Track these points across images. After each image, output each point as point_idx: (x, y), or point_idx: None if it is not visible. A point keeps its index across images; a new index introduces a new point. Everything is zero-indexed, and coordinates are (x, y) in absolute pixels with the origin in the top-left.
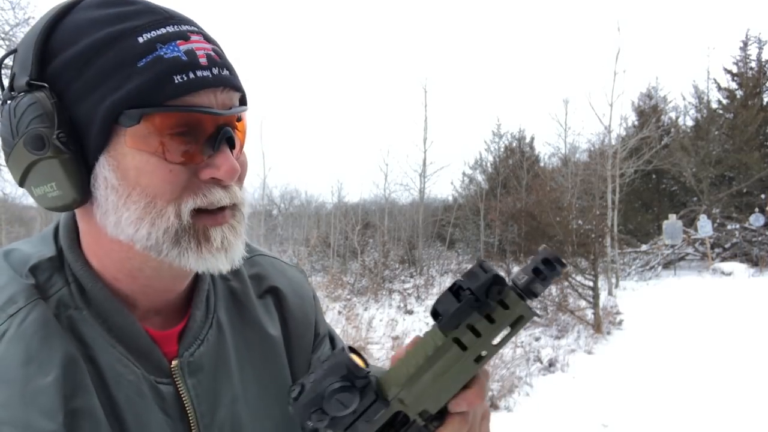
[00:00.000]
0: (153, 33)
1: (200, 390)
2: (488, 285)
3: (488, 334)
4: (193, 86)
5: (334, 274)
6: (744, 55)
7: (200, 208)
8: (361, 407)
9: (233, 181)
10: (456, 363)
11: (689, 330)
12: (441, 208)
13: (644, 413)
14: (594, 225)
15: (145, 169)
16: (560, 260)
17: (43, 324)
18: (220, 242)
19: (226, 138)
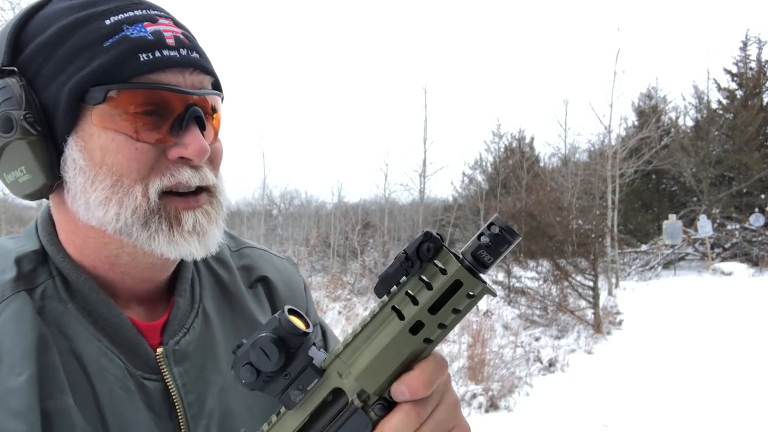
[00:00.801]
0: (120, 16)
1: (187, 379)
2: (419, 242)
3: (425, 301)
4: (159, 64)
5: (334, 274)
6: (744, 55)
7: (168, 188)
8: (293, 370)
9: (202, 161)
10: (393, 334)
11: (689, 330)
12: (441, 208)
13: (644, 413)
14: (594, 225)
15: (110, 147)
16: (509, 228)
17: (17, 322)
18: (192, 226)
19: (195, 117)
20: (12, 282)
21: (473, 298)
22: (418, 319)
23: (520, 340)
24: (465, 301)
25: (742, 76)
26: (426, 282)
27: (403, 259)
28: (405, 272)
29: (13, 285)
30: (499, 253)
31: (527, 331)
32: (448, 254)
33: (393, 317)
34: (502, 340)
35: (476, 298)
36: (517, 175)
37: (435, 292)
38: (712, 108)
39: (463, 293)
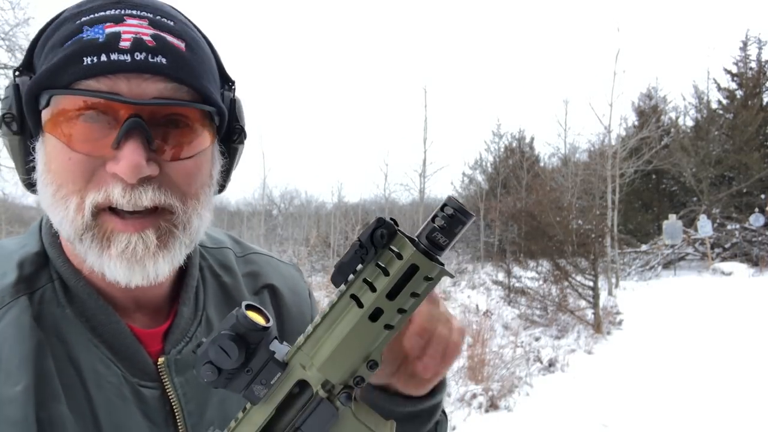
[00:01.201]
0: (90, 16)
1: (188, 389)
2: (372, 229)
3: (383, 287)
4: (100, 69)
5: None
6: (744, 55)
7: (102, 205)
8: (255, 366)
9: (134, 179)
10: (353, 322)
11: (689, 330)
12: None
13: (644, 413)
14: (594, 225)
15: (52, 153)
16: (462, 209)
17: (16, 329)
18: (122, 250)
19: (132, 129)
20: (12, 287)
21: (431, 281)
22: (377, 305)
23: (520, 340)
24: (423, 284)
25: (742, 76)
26: (382, 268)
27: (358, 247)
28: (360, 260)
29: (13, 290)
30: (453, 234)
31: (527, 331)
32: (402, 239)
33: (352, 305)
34: (502, 340)
35: (434, 280)
36: (517, 175)
37: (392, 278)
38: (712, 108)
39: (420, 277)
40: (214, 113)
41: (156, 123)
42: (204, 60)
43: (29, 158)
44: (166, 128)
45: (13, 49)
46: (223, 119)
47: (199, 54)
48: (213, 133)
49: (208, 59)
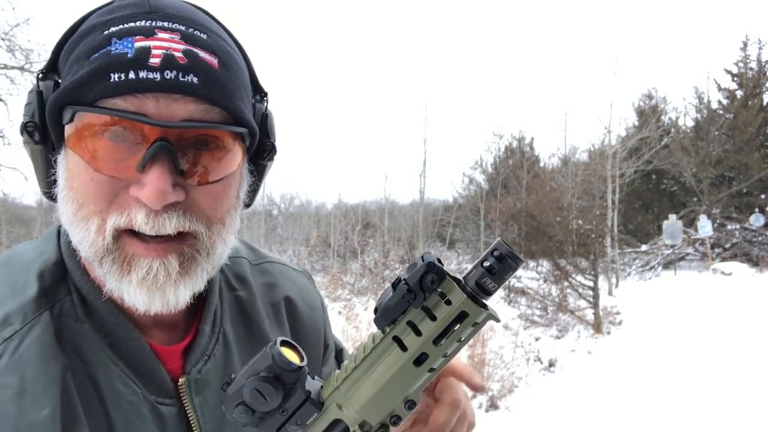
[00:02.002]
0: (120, 26)
1: (206, 409)
2: (422, 273)
3: (429, 332)
4: (129, 88)
5: (334, 274)
6: (744, 55)
7: (124, 228)
8: (290, 406)
9: (158, 206)
10: (395, 365)
11: (689, 330)
12: (441, 208)
13: (644, 413)
14: (594, 225)
15: (74, 171)
16: (513, 254)
17: (41, 349)
18: (143, 277)
19: (158, 153)
20: (34, 301)
21: (477, 326)
22: (423, 350)
23: (520, 340)
24: (469, 329)
25: (743, 76)
26: (429, 312)
27: (406, 291)
28: (407, 304)
29: (35, 305)
30: (503, 280)
31: (527, 331)
32: (451, 283)
33: (394, 348)
34: (502, 340)
35: (480, 325)
36: (517, 175)
37: (440, 324)
38: (712, 108)
39: (468, 323)
40: (246, 134)
41: (184, 144)
42: (237, 76)
43: (50, 170)
44: (194, 150)
45: (13, 49)
46: (254, 138)
47: (232, 70)
48: (243, 153)
49: (241, 74)
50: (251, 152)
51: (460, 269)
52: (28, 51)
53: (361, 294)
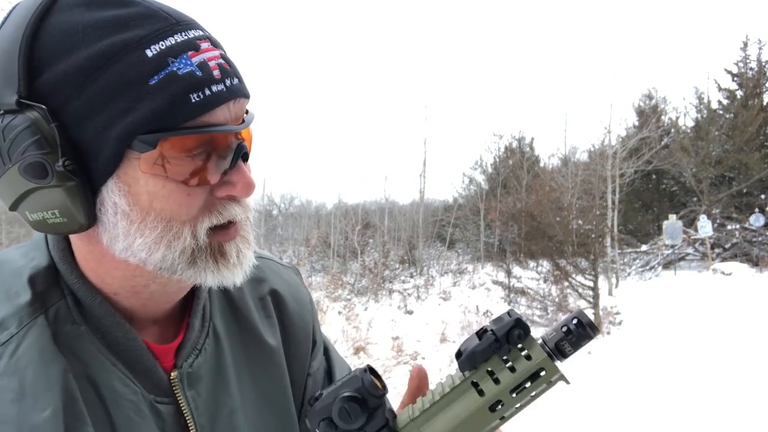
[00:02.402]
0: (162, 44)
1: (199, 402)
2: (510, 327)
3: (507, 382)
4: (210, 104)
5: (334, 274)
6: (744, 55)
7: (216, 226)
8: (370, 429)
9: (250, 196)
10: (471, 408)
11: (689, 330)
12: (441, 208)
13: (644, 413)
14: (594, 225)
15: (160, 193)
16: (592, 324)
17: (39, 351)
18: (236, 257)
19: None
20: (29, 306)
21: (549, 385)
22: (499, 398)
23: None
24: (542, 386)
25: (743, 76)
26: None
27: (493, 341)
28: (492, 353)
29: (30, 309)
30: (579, 346)
31: None
32: (534, 341)
33: (472, 392)
34: None
35: (552, 384)
36: (517, 175)
37: (518, 376)
38: (712, 108)
39: (544, 380)
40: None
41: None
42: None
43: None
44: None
45: None
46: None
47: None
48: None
49: None
50: None
51: (460, 269)
52: None
53: (361, 294)
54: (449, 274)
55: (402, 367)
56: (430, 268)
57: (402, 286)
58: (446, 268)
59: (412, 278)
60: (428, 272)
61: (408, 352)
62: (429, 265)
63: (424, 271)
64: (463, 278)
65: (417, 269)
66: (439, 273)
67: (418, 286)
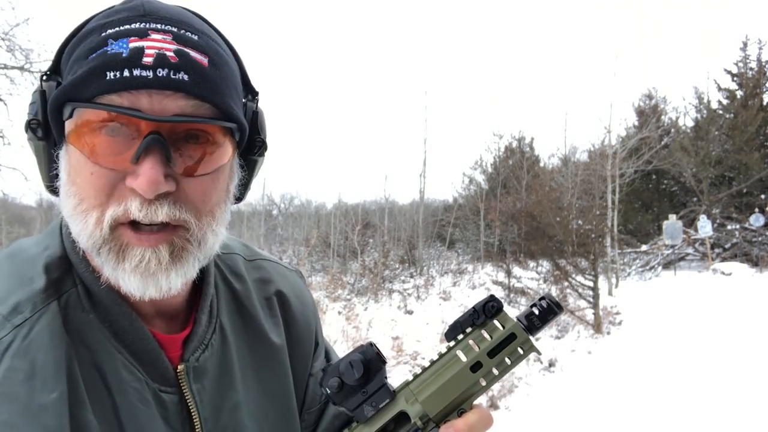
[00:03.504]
0: (116, 29)
1: (204, 395)
2: (486, 301)
3: (485, 346)
4: (122, 84)
5: (334, 274)
6: (744, 55)
7: (121, 219)
8: (370, 389)
9: (152, 195)
10: (454, 370)
11: (689, 330)
12: (441, 208)
13: (644, 413)
14: (594, 225)
15: (76, 167)
16: (557, 303)
17: (50, 335)
18: (135, 264)
19: (151, 145)
20: (43, 292)
21: (523, 353)
22: (478, 359)
23: None
24: (516, 353)
25: (742, 76)
26: (487, 334)
27: (472, 312)
28: (472, 322)
29: (44, 295)
30: (546, 321)
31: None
32: (507, 314)
33: (455, 357)
34: None
35: (525, 353)
36: (517, 175)
37: (494, 341)
38: (712, 108)
39: (516, 345)
40: (235, 129)
41: (176, 138)
42: (227, 75)
43: (53, 165)
44: (185, 143)
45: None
46: (244, 134)
47: (222, 69)
48: (233, 147)
49: (231, 73)
50: (242, 148)
51: (460, 269)
52: (28, 51)
53: (361, 294)
54: (449, 274)
55: (402, 367)
56: (430, 268)
57: (402, 286)
58: (446, 268)
59: (412, 278)
60: (428, 272)
61: (408, 352)
62: (429, 265)
63: (424, 271)
64: (463, 278)
65: (417, 269)
66: (439, 273)
67: (418, 286)
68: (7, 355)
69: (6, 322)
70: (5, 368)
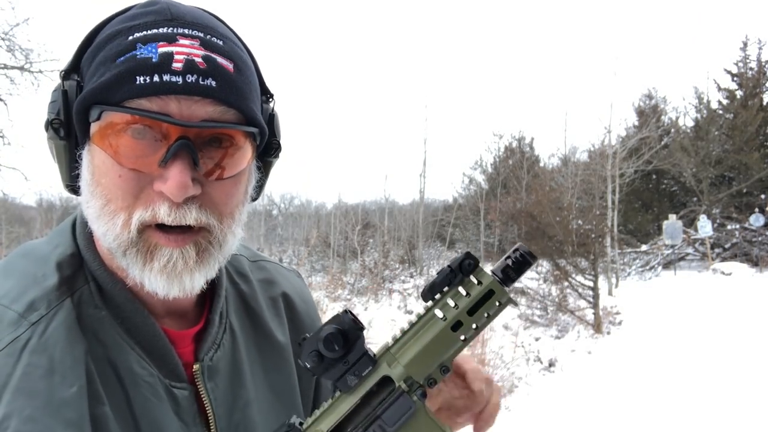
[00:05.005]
0: (143, 33)
1: (218, 393)
2: (462, 259)
3: (464, 304)
4: (152, 89)
5: (334, 274)
6: (744, 55)
7: (148, 222)
8: (351, 358)
9: (180, 199)
10: (436, 330)
11: (689, 330)
12: (441, 208)
13: (644, 413)
14: (594, 225)
15: (102, 168)
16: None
17: (66, 331)
18: (164, 264)
19: (181, 150)
20: (56, 289)
21: (501, 306)
22: (459, 319)
23: (520, 341)
24: (494, 307)
25: (742, 76)
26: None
27: (449, 271)
28: (449, 282)
29: (58, 293)
30: (521, 272)
31: (527, 331)
32: (482, 270)
33: (435, 318)
34: (502, 340)
35: (502, 306)
36: (517, 175)
37: (473, 299)
38: (712, 108)
39: (495, 300)
40: (257, 133)
41: (201, 143)
42: (250, 80)
43: (74, 165)
44: (208, 146)
45: (13, 49)
46: (264, 137)
47: (245, 74)
48: (253, 150)
49: (252, 77)
50: (260, 150)
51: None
52: (28, 51)
53: (361, 294)
54: None
55: None
56: (430, 268)
57: (402, 286)
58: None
59: (412, 278)
60: (428, 272)
61: None
62: (429, 265)
63: (424, 271)
64: None
65: (417, 269)
66: None
67: (418, 286)
68: (25, 352)
69: (22, 319)
70: (24, 365)
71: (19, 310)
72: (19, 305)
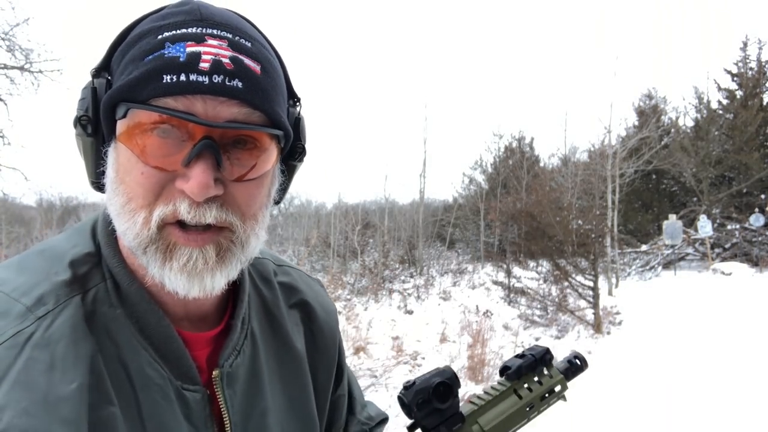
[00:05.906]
0: (172, 32)
1: (235, 400)
2: (543, 353)
3: (538, 391)
4: (179, 89)
5: (334, 274)
6: (744, 55)
7: (169, 219)
8: (448, 412)
9: (201, 198)
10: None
11: (689, 330)
12: (441, 208)
13: (644, 413)
14: (594, 225)
15: (126, 166)
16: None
17: (71, 328)
18: (183, 264)
19: (204, 150)
20: (67, 286)
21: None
22: (532, 402)
23: (520, 340)
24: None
25: (742, 76)
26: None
27: (533, 360)
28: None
29: (68, 289)
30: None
31: (527, 331)
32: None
33: (513, 396)
34: (502, 340)
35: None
36: (517, 175)
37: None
38: (712, 108)
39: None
40: (282, 136)
41: (226, 143)
42: (276, 82)
43: (100, 162)
44: (233, 148)
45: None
46: (289, 140)
47: (272, 76)
48: (278, 153)
49: (279, 80)
50: (284, 153)
51: (460, 269)
52: (28, 51)
53: (361, 294)
54: (449, 274)
55: (402, 367)
56: (430, 268)
57: (402, 286)
58: (446, 268)
59: (412, 278)
60: (428, 272)
61: (408, 352)
62: (429, 265)
63: (424, 271)
64: (463, 278)
65: (417, 269)
66: (439, 273)
67: (418, 286)
68: (28, 345)
69: (29, 313)
70: (26, 358)
71: (28, 303)
72: (28, 299)
